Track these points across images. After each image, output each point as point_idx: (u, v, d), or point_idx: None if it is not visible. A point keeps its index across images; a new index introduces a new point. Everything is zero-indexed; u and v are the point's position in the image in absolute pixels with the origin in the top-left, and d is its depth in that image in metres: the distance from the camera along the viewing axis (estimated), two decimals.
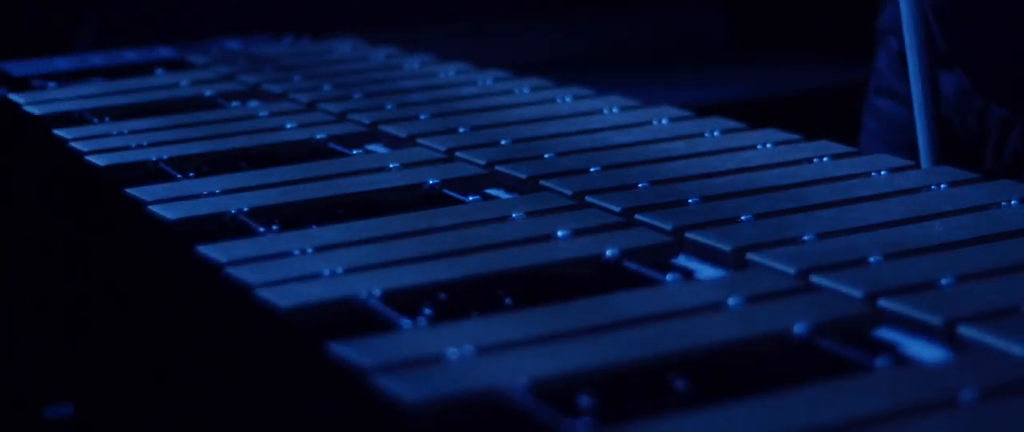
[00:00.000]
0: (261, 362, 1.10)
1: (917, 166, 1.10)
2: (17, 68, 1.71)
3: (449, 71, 1.60)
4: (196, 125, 1.38)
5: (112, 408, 1.49)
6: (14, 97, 1.55)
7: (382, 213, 1.05)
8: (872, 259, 0.87)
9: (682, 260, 0.94)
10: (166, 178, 1.19)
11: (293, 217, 1.06)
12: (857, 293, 0.82)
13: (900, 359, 0.76)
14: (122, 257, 1.38)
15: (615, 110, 1.35)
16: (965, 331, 0.76)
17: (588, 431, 0.68)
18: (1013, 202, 0.99)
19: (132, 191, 1.13)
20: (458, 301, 0.87)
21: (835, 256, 0.88)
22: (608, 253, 0.92)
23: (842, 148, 1.16)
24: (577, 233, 0.96)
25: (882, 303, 0.80)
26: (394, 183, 1.13)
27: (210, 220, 1.06)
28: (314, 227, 1.03)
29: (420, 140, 1.27)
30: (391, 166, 1.18)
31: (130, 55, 1.79)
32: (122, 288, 1.39)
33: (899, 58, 1.51)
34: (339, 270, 0.90)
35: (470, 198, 1.10)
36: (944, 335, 0.77)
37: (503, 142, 1.23)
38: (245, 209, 1.06)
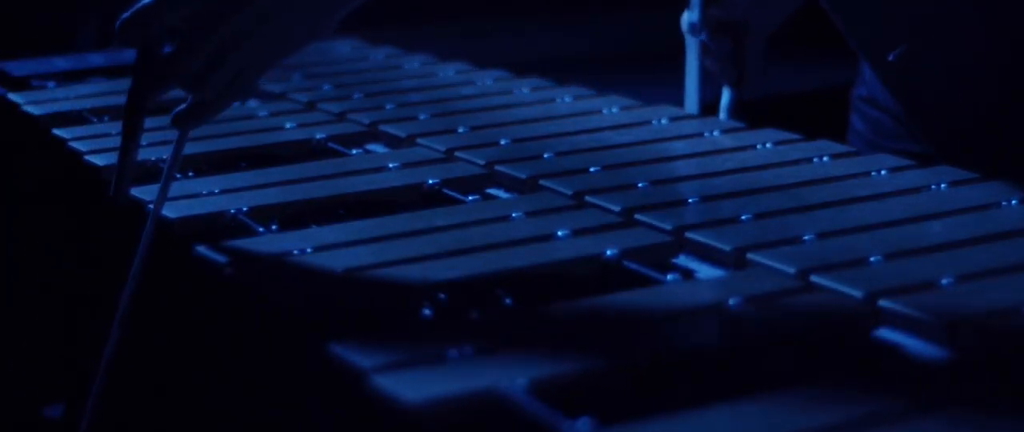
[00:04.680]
0: (261, 362, 1.10)
1: (916, 166, 1.10)
2: (16, 68, 1.71)
3: (449, 71, 1.60)
4: None
5: (112, 408, 1.48)
6: (13, 97, 1.54)
7: (382, 213, 1.05)
8: (872, 259, 0.87)
9: (682, 260, 0.94)
10: None
11: (293, 217, 1.06)
12: (857, 293, 0.82)
13: (899, 358, 0.76)
14: (122, 257, 1.38)
15: (615, 110, 1.35)
16: (965, 331, 0.76)
17: (588, 431, 0.68)
18: (1013, 202, 0.99)
19: (132, 191, 1.13)
20: (458, 301, 0.87)
21: (835, 256, 0.88)
22: (608, 253, 0.92)
23: (842, 148, 1.16)
24: (577, 233, 0.96)
25: (882, 303, 0.80)
26: (394, 183, 1.13)
27: (210, 220, 1.06)
28: (314, 227, 1.03)
29: (420, 140, 1.27)
30: (391, 166, 1.18)
31: (130, 55, 1.78)
32: (122, 288, 1.39)
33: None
34: (339, 270, 0.90)
35: (470, 198, 1.10)
36: (944, 335, 0.77)
37: (503, 142, 1.23)
38: (245, 209, 1.06)
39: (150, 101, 1.04)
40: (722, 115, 1.50)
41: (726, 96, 1.52)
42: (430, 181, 1.12)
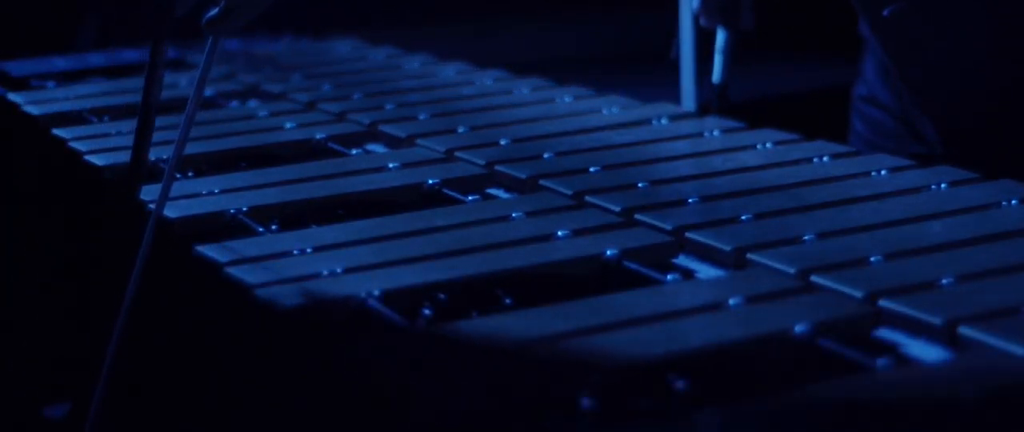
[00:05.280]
0: (261, 362, 1.10)
1: (916, 166, 1.10)
2: (16, 68, 1.71)
3: (449, 71, 1.60)
4: (195, 125, 1.37)
5: (112, 408, 1.48)
6: (13, 97, 1.54)
7: (382, 213, 1.05)
8: (872, 259, 0.87)
9: (682, 260, 0.94)
10: None
11: (293, 217, 1.06)
12: (857, 293, 0.82)
13: (901, 359, 0.76)
14: (122, 257, 1.38)
15: (615, 110, 1.35)
16: (965, 331, 0.76)
17: (588, 431, 0.68)
18: (1013, 202, 0.99)
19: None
20: (458, 301, 0.86)
21: (835, 256, 0.88)
22: (608, 253, 0.92)
23: (842, 148, 1.16)
24: (577, 233, 0.96)
25: (882, 303, 0.80)
26: (394, 183, 1.13)
27: (209, 219, 1.06)
28: (314, 227, 1.03)
29: (419, 140, 1.27)
30: (391, 166, 1.18)
31: (130, 55, 1.79)
32: (122, 288, 1.39)
33: (883, 68, 1.50)
34: (338, 270, 0.90)
35: (470, 198, 1.10)
36: (944, 335, 0.77)
37: (503, 142, 1.23)
38: (244, 209, 1.06)
39: (174, 12, 1.03)
40: (718, 58, 1.49)
41: (721, 38, 1.51)
42: (430, 181, 1.12)
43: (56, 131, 1.37)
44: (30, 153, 1.53)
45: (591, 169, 1.12)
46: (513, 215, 1.01)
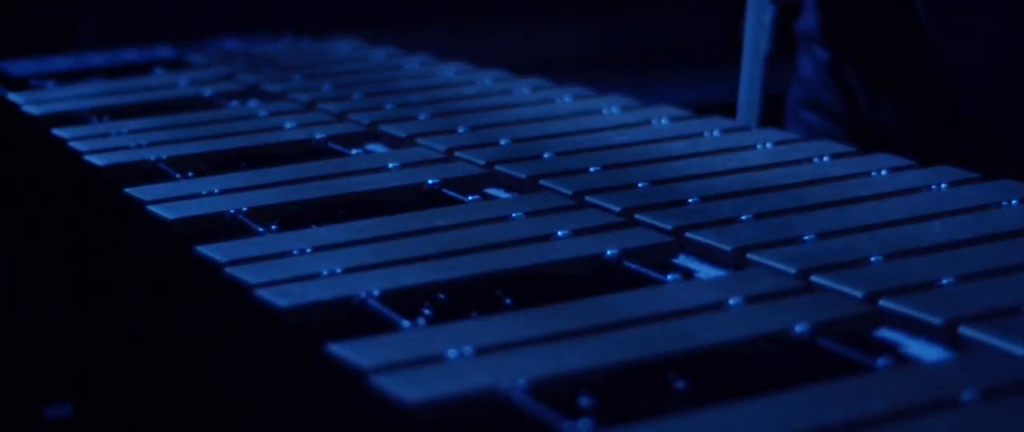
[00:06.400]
0: (261, 362, 1.10)
1: (916, 166, 1.10)
2: (16, 67, 1.71)
3: (449, 71, 1.60)
4: (195, 125, 1.38)
5: (112, 408, 1.48)
6: (12, 97, 1.54)
7: (382, 213, 1.05)
8: (872, 259, 0.87)
9: (682, 260, 0.94)
10: (165, 178, 1.19)
11: (292, 217, 1.06)
12: (858, 293, 0.82)
13: (901, 359, 0.76)
14: (121, 257, 1.38)
15: (615, 110, 1.35)
16: (965, 331, 0.76)
17: (588, 431, 0.68)
18: (1013, 202, 0.99)
19: (131, 191, 1.13)
20: (458, 301, 0.86)
21: (835, 256, 0.88)
22: (608, 253, 0.92)
23: (842, 148, 1.16)
24: (577, 233, 0.96)
25: (883, 303, 0.80)
26: (394, 183, 1.13)
27: (209, 220, 1.06)
28: (313, 227, 1.03)
29: (419, 140, 1.27)
30: (391, 166, 1.18)
31: (129, 54, 1.79)
32: (121, 288, 1.39)
33: (826, 69, 1.49)
34: (338, 270, 0.90)
35: (470, 198, 1.10)
36: (944, 335, 0.77)
37: (503, 142, 1.23)
38: (244, 209, 1.06)
39: None
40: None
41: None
42: (430, 181, 1.12)
43: (56, 131, 1.37)
44: (30, 153, 1.53)
45: (591, 169, 1.12)
46: (513, 215, 1.01)
